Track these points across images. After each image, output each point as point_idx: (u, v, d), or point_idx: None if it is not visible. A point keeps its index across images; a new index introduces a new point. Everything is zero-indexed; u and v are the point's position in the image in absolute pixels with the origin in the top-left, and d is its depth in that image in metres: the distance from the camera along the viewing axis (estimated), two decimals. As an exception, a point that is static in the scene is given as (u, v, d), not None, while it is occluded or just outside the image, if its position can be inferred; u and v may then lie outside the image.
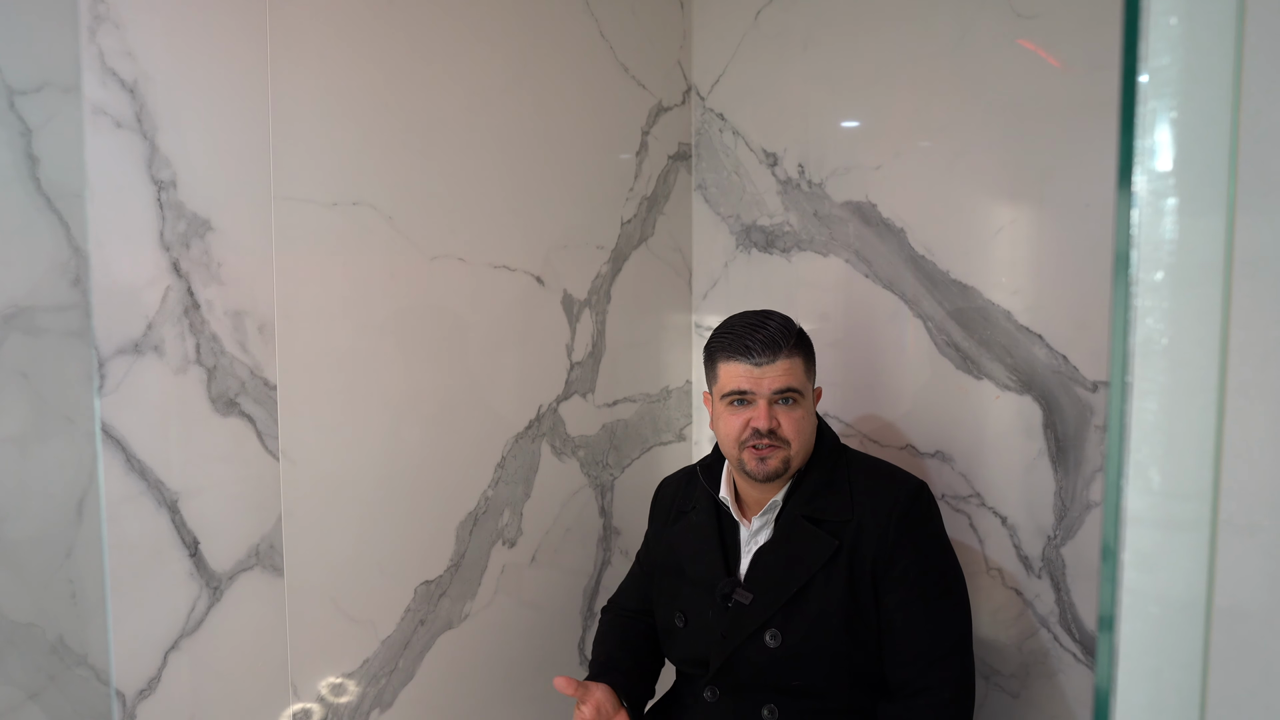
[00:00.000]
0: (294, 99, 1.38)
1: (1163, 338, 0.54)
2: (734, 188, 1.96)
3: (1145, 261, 0.52)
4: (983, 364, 1.59)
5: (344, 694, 1.49)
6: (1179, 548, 0.60)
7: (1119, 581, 0.55)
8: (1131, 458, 0.53)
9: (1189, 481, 0.58)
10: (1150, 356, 0.53)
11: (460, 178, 1.60)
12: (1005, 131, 1.55)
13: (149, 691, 1.28)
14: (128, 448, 1.24)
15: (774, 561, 1.35)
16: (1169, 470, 0.56)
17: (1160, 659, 0.60)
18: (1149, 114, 0.51)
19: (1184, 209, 0.54)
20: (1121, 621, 0.62)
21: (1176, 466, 0.57)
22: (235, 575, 1.36)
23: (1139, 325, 0.52)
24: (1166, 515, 0.58)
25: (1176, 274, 0.54)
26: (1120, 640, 0.60)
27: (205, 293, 1.31)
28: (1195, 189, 0.55)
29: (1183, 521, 0.59)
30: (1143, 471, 0.54)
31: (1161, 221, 0.53)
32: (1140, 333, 0.52)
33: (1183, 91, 0.53)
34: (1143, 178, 0.51)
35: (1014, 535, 1.59)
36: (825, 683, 1.32)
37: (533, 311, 1.74)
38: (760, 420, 1.33)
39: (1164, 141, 0.52)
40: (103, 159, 1.21)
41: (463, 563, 1.65)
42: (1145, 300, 0.52)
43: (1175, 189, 0.53)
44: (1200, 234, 0.55)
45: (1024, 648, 1.60)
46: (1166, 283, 0.54)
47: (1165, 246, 0.53)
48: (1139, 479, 0.53)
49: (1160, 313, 0.53)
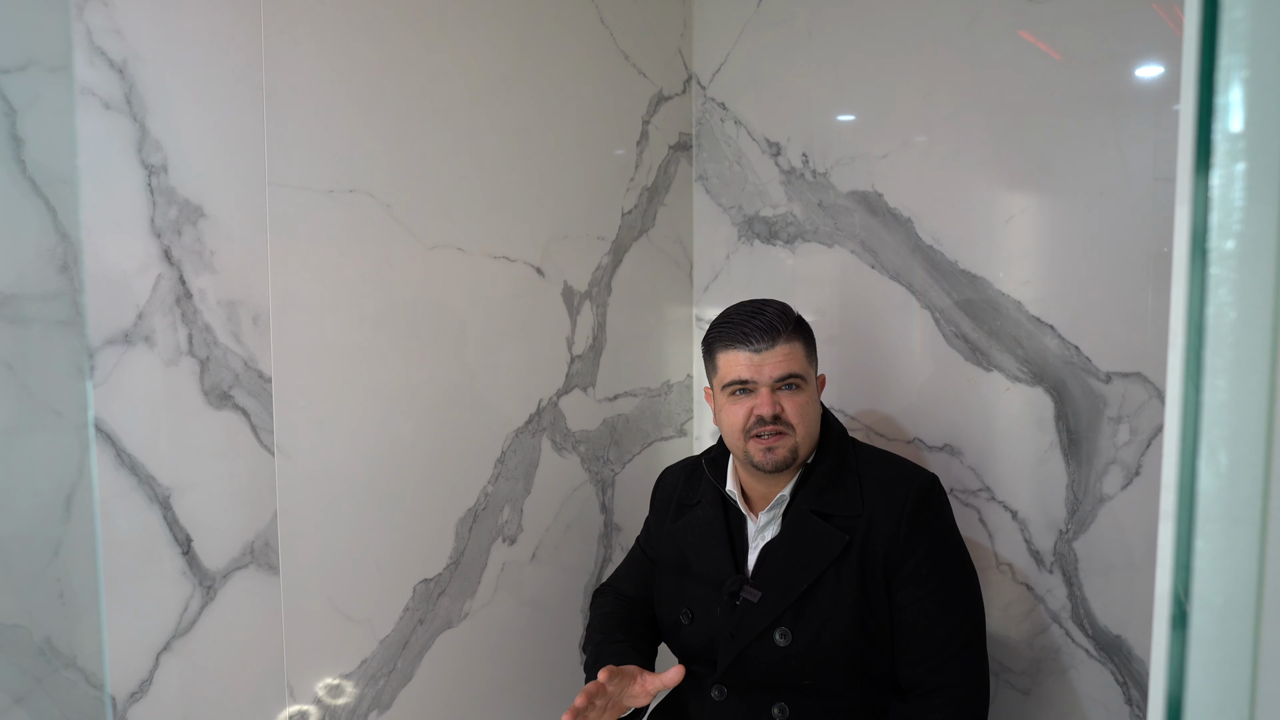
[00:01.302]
0: (289, 82, 1.34)
1: (1232, 310, 0.51)
2: (736, 178, 1.92)
3: (1219, 229, 0.49)
4: (992, 355, 1.57)
5: (341, 695, 1.45)
6: (1243, 538, 0.57)
7: (1193, 575, 0.52)
8: (1204, 440, 0.50)
9: (1254, 467, 0.55)
10: (1221, 331, 0.50)
11: (459, 166, 1.56)
12: (1014, 119, 1.52)
13: (140, 694, 1.23)
14: (118, 442, 1.20)
15: (782, 558, 1.32)
16: (1237, 454, 0.53)
17: (1222, 654, 0.57)
18: (1225, 70, 0.48)
19: (1252, 175, 0.51)
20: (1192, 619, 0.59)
21: (1244, 450, 0.54)
22: (229, 574, 1.31)
23: (1212, 297, 0.49)
24: (1233, 502, 0.55)
25: (1245, 244, 0.51)
26: (1190, 637, 0.57)
27: (197, 281, 1.27)
28: (1265, 156, 0.52)
29: (1246, 510, 0.56)
30: (1213, 455, 0.51)
31: (1233, 187, 0.50)
32: (1213, 305, 0.49)
33: (1255, 49, 0.49)
34: (1220, 142, 0.48)
35: (1025, 530, 1.56)
36: (837, 682, 1.29)
37: (533, 303, 1.70)
38: (764, 407, 1.30)
39: (1236, 101, 0.49)
40: (91, 141, 1.16)
41: (462, 560, 1.61)
42: (1218, 270, 0.49)
43: (1245, 153, 0.50)
44: (1268, 203, 0.52)
45: (1035, 644, 1.57)
46: (1236, 252, 0.51)
47: (1235, 214, 0.50)
48: (1210, 463, 0.50)
49: (1231, 284, 0.50)
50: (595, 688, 1.26)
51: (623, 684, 1.30)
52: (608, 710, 1.30)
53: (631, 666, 1.33)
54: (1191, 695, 0.52)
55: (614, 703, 1.31)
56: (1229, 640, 0.53)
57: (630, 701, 1.32)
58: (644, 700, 1.32)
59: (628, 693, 1.31)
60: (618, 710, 1.32)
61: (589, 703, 1.25)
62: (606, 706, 1.30)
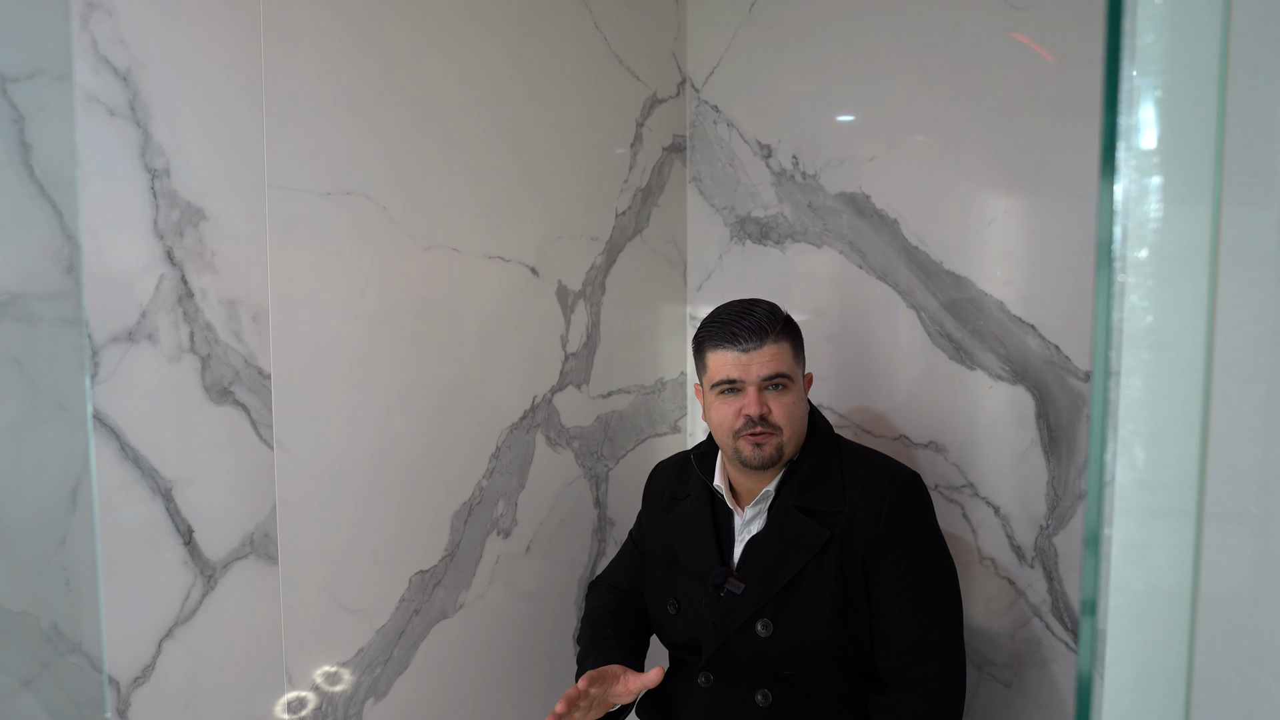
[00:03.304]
0: (287, 88, 1.38)
1: (1147, 315, 0.54)
2: (728, 179, 1.96)
3: (1131, 238, 0.52)
4: (976, 354, 1.60)
5: (339, 683, 1.50)
6: (1164, 531, 0.60)
7: (1103, 566, 0.55)
8: (1118, 436, 0.53)
9: (1174, 463, 0.59)
10: (1137, 334, 0.54)
11: (454, 168, 1.60)
12: (999, 123, 1.55)
13: (143, 679, 1.28)
14: (121, 436, 1.25)
15: (766, 551, 1.36)
16: (1154, 451, 0.57)
17: (1146, 640, 0.61)
18: (1134, 90, 0.51)
19: (1169, 189, 0.54)
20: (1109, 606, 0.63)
21: (1162, 447, 0.57)
22: (229, 564, 1.36)
23: (1123, 301, 0.52)
24: (1151, 498, 0.58)
25: (1161, 252, 0.55)
26: (1108, 623, 0.60)
27: (199, 281, 1.31)
28: (1180, 169, 0.55)
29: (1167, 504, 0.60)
30: (1128, 450, 0.54)
31: (1146, 200, 0.53)
32: (1125, 309, 0.52)
33: (1168, 70, 0.53)
34: (1127, 155, 0.52)
35: (1006, 525, 1.59)
36: (818, 672, 1.32)
37: (527, 302, 1.74)
38: (751, 406, 1.33)
39: (1148, 119, 0.53)
40: (96, 147, 1.21)
41: (457, 553, 1.65)
42: (1133, 278, 0.53)
43: (1160, 167, 0.54)
44: (1186, 215, 0.56)
45: (1016, 637, 1.60)
46: (1151, 260, 0.54)
47: (1150, 224, 0.54)
48: (1125, 458, 0.54)
49: (1144, 290, 0.53)
50: (575, 693, 1.31)
51: (605, 685, 1.36)
52: (593, 709, 1.35)
53: (615, 667, 1.38)
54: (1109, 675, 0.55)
55: (599, 702, 1.36)
56: (1142, 626, 0.56)
57: (615, 699, 1.37)
58: (628, 699, 1.37)
59: (611, 692, 1.36)
60: (604, 707, 1.38)
61: (569, 708, 1.30)
62: (590, 707, 1.35)
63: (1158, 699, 0.61)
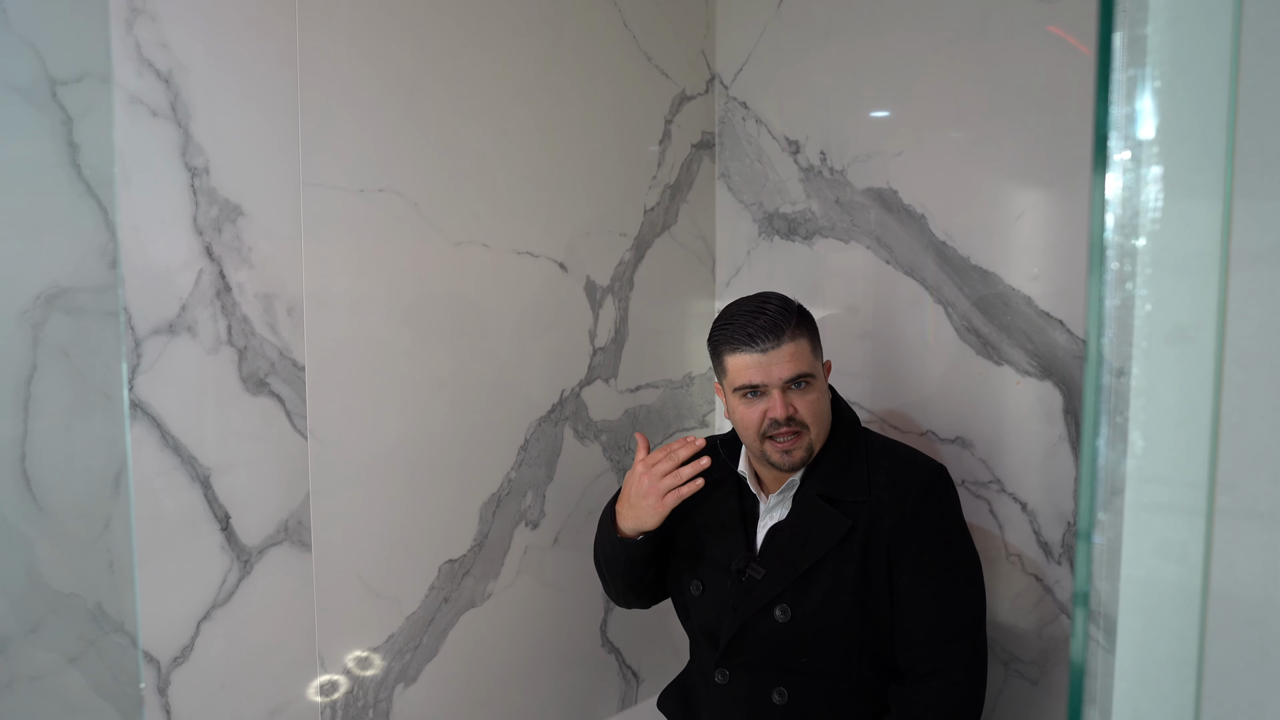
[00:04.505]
0: (322, 89, 1.42)
1: (1146, 304, 0.55)
2: (757, 175, 1.97)
3: (1129, 228, 0.53)
4: (1003, 350, 1.59)
5: (370, 667, 1.54)
6: (1173, 526, 0.60)
7: (1100, 558, 0.56)
8: (1112, 424, 0.54)
9: (1184, 456, 0.59)
10: (1132, 322, 0.54)
11: (484, 165, 1.64)
12: (1027, 117, 1.54)
13: (182, 659, 1.33)
14: (162, 424, 1.29)
15: (788, 538, 1.37)
16: (1162, 443, 0.57)
17: (1156, 634, 0.61)
18: (1131, 81, 0.52)
19: (1170, 179, 0.55)
20: (1119, 600, 0.63)
21: (1171, 440, 0.58)
22: (265, 550, 1.40)
23: (1118, 291, 0.53)
24: (1159, 491, 0.59)
25: (1156, 242, 0.55)
26: (1118, 618, 0.61)
27: (236, 276, 1.35)
28: (1184, 158, 0.55)
29: (1177, 499, 0.60)
30: (1136, 443, 0.55)
31: (1144, 190, 0.54)
32: (1119, 298, 0.53)
33: (1172, 58, 0.53)
34: (1124, 144, 0.52)
35: (1034, 521, 1.59)
36: (835, 663, 1.33)
37: (556, 297, 1.77)
38: (777, 410, 1.33)
39: (1149, 108, 0.53)
40: (139, 146, 1.26)
41: (486, 543, 1.68)
42: (1128, 265, 0.53)
43: (1159, 157, 0.54)
44: (1191, 207, 0.56)
45: (1044, 634, 1.60)
46: (1148, 249, 0.55)
47: (1148, 214, 0.54)
48: (1133, 451, 0.54)
49: (1146, 280, 0.54)
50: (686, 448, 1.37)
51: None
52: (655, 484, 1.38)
53: None
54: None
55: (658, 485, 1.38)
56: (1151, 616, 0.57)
57: None
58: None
59: None
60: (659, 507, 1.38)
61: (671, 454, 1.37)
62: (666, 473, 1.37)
63: (1168, 691, 0.62)
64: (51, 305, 1.21)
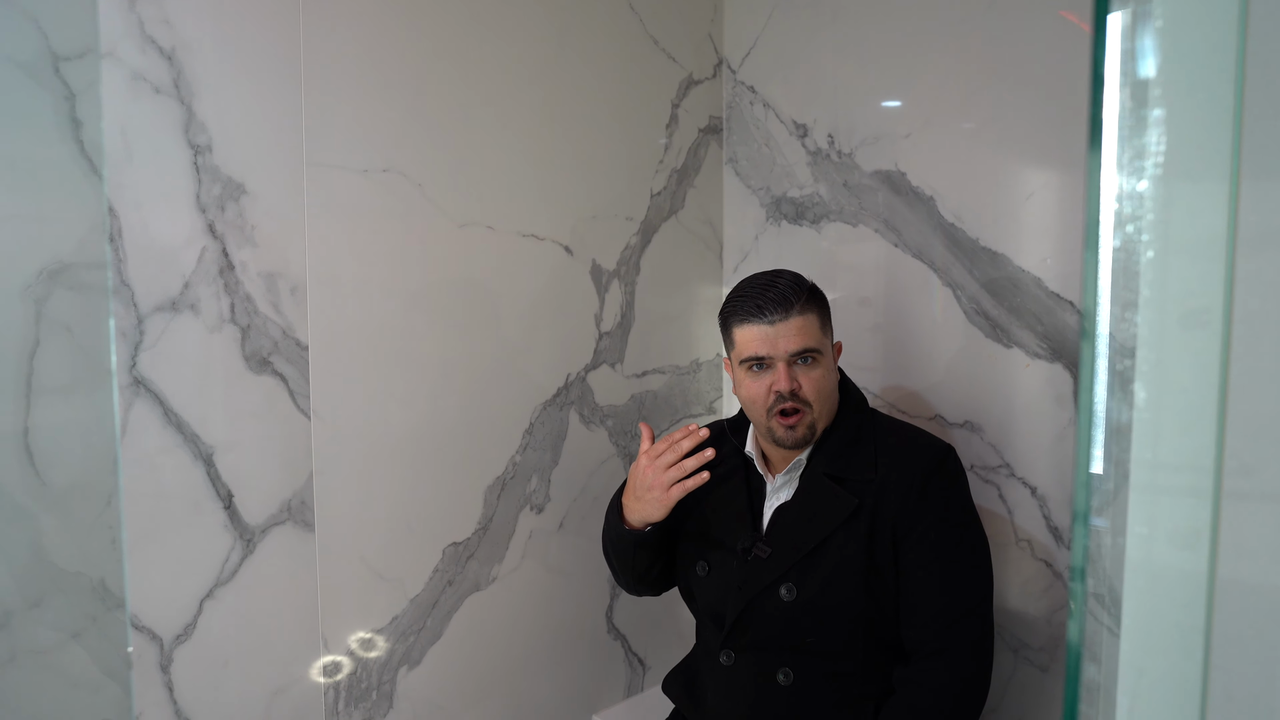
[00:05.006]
0: (325, 67, 1.42)
1: (1148, 286, 0.53)
2: (764, 160, 1.95)
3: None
4: (1012, 332, 1.57)
5: (373, 649, 1.53)
6: (1180, 510, 0.59)
7: (1098, 542, 0.55)
8: (1113, 405, 0.53)
9: (1190, 439, 0.58)
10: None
11: (489, 147, 1.63)
12: (1036, 96, 1.52)
13: (185, 637, 1.33)
14: (165, 402, 1.29)
15: (794, 517, 1.36)
16: (1169, 426, 0.56)
17: (1162, 620, 0.60)
18: (1135, 49, 0.50)
19: (1174, 159, 0.53)
20: (1124, 586, 0.62)
21: (1178, 423, 0.57)
22: (268, 529, 1.40)
23: (1120, 233, 0.51)
24: (1165, 476, 0.57)
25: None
26: (1123, 602, 0.60)
27: (239, 254, 1.35)
28: (1186, 137, 0.54)
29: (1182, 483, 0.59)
30: (1145, 424, 0.53)
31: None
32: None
33: (1174, 31, 0.52)
34: (1127, 120, 0.51)
35: (1044, 506, 1.56)
36: (841, 642, 1.31)
37: (561, 280, 1.76)
38: (781, 383, 1.33)
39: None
40: (142, 123, 1.26)
41: (490, 526, 1.67)
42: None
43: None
44: (1197, 189, 0.55)
45: (1054, 620, 1.57)
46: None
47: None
48: (1140, 433, 0.53)
49: (1147, 261, 0.52)
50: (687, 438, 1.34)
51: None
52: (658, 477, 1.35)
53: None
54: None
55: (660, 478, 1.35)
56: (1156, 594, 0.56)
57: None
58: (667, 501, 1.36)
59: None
60: (664, 499, 1.35)
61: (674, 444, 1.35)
62: (670, 465, 1.34)
63: (1174, 677, 0.61)
64: (54, 281, 1.21)
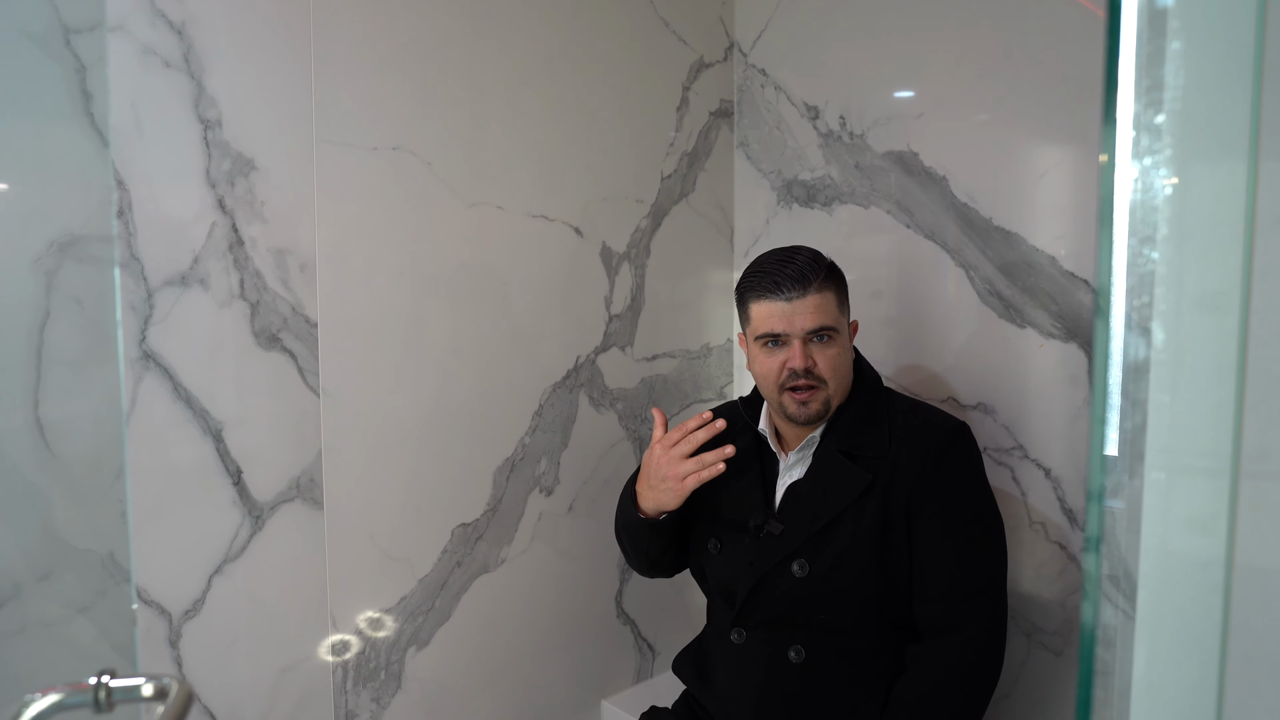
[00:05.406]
0: (335, 44, 1.42)
1: (1162, 268, 0.52)
2: (775, 143, 1.94)
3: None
4: (1026, 312, 1.56)
5: (382, 629, 1.53)
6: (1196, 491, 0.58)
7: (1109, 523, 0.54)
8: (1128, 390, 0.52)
9: (1206, 421, 0.56)
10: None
11: (499, 126, 1.62)
12: (1049, 72, 1.50)
13: (194, 612, 1.33)
14: (174, 376, 1.29)
15: (806, 494, 1.35)
16: (1185, 408, 0.55)
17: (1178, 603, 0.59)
18: (1151, 26, 0.49)
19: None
20: (1139, 570, 0.61)
21: (1194, 404, 0.56)
22: (276, 506, 1.40)
23: (1135, 254, 0.50)
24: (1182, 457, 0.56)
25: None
26: (1138, 586, 0.59)
27: (249, 230, 1.35)
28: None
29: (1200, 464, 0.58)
30: (1160, 407, 0.52)
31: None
32: (1138, 262, 0.50)
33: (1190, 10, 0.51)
34: (1140, 98, 0.49)
35: (1058, 488, 1.55)
36: (853, 620, 1.30)
37: (570, 262, 1.75)
38: (796, 360, 1.31)
39: (1170, 57, 0.50)
40: (152, 97, 1.26)
41: (499, 508, 1.67)
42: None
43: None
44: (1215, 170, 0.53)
45: (1068, 604, 1.56)
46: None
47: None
48: (1156, 415, 0.52)
49: (1162, 243, 0.51)
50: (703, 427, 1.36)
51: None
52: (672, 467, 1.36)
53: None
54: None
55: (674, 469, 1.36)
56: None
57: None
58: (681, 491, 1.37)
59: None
60: (680, 489, 1.36)
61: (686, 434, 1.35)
62: (685, 454, 1.35)
63: (1190, 665, 0.60)
64: (64, 253, 1.21)
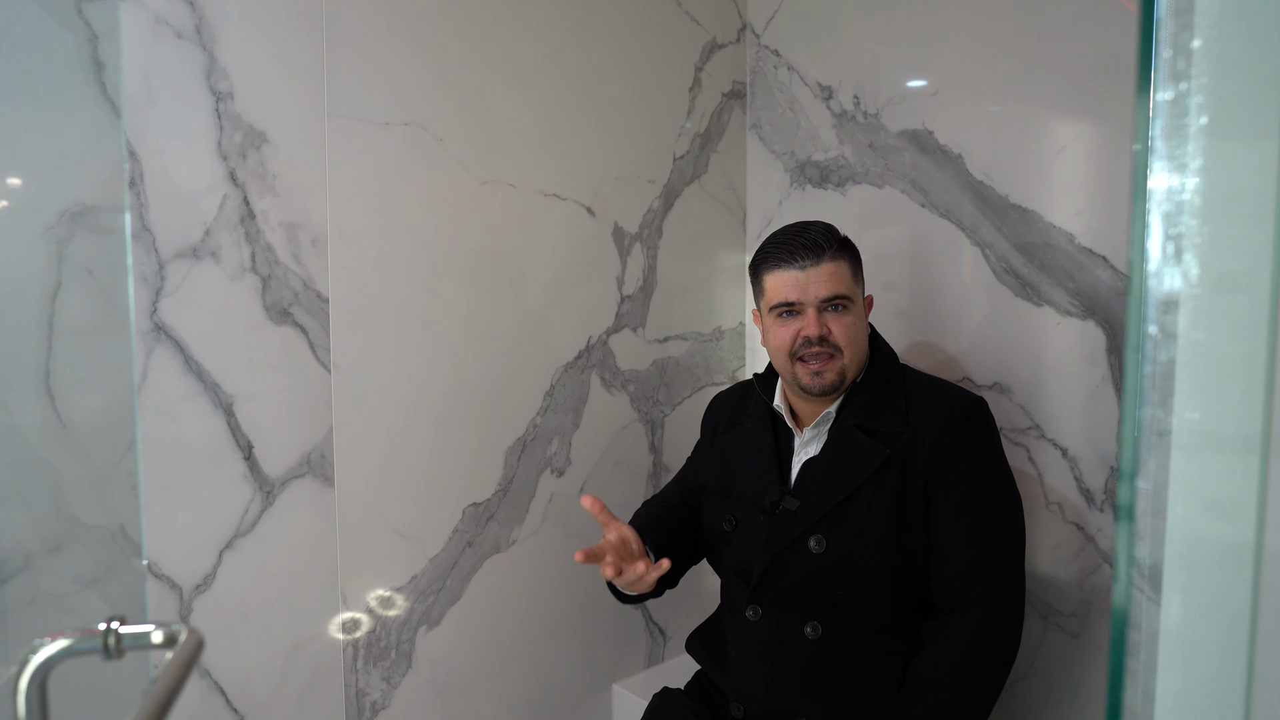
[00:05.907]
0: (348, 17, 1.41)
1: (1194, 247, 0.51)
2: (789, 124, 1.93)
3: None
4: (1043, 290, 1.54)
5: (392, 607, 1.52)
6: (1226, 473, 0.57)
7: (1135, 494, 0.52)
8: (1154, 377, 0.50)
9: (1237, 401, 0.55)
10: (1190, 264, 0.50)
11: (511, 104, 1.61)
12: (1066, 45, 1.49)
13: (204, 587, 1.32)
14: (185, 349, 1.29)
15: (823, 470, 1.33)
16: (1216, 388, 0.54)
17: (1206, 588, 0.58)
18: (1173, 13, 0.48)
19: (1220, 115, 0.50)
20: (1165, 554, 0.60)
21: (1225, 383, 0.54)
22: (287, 481, 1.39)
23: (1165, 232, 0.49)
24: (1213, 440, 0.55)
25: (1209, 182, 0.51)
26: (1163, 572, 0.58)
27: (260, 203, 1.35)
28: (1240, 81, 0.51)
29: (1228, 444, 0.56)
30: (1189, 387, 0.51)
31: (1193, 125, 0.49)
32: (1169, 240, 0.49)
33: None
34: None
35: (1075, 467, 1.53)
36: (869, 595, 1.29)
37: (583, 241, 1.74)
38: (810, 328, 1.30)
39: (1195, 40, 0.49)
40: (164, 67, 1.25)
41: (511, 488, 1.66)
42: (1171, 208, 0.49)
43: (1209, 90, 0.50)
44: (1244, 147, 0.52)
45: (1085, 585, 1.54)
46: (1198, 191, 0.50)
47: (1196, 153, 0.50)
48: (1184, 396, 0.51)
49: (1190, 222, 0.50)
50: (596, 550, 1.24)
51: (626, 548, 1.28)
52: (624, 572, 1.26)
53: (638, 547, 1.30)
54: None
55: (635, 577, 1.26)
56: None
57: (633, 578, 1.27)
58: (643, 588, 1.29)
59: (630, 568, 1.26)
60: (640, 586, 1.27)
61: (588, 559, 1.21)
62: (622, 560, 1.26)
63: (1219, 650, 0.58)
64: (76, 223, 1.21)
